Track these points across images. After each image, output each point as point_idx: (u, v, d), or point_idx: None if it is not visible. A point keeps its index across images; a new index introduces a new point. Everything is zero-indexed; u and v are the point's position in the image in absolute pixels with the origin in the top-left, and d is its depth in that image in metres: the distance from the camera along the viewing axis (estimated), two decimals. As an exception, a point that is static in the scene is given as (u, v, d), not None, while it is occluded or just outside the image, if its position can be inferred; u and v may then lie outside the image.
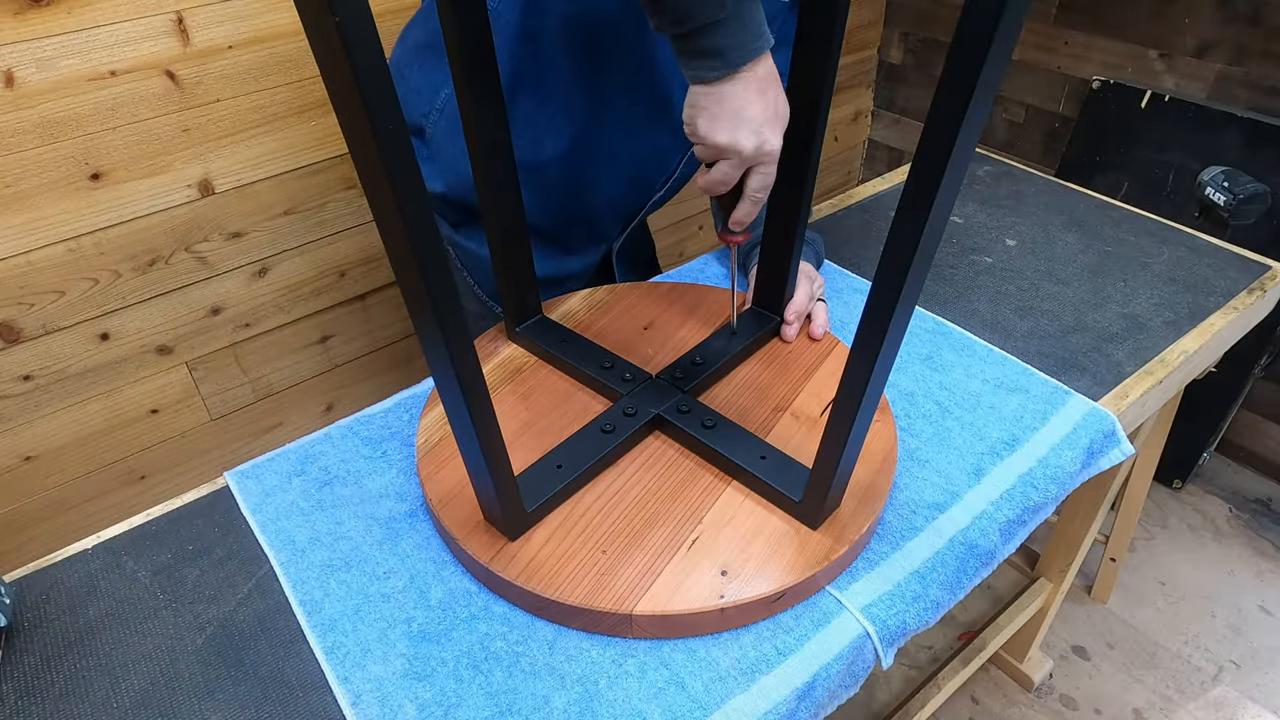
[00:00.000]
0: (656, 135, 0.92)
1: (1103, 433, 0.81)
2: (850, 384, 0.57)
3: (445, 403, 0.56)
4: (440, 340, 0.50)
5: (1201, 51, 1.61)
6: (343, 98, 0.40)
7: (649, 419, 0.76)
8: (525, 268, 0.84)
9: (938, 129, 0.43)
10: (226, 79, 1.19)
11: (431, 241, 0.46)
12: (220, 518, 0.74)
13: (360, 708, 0.59)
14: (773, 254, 0.84)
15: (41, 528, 1.34)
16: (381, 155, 0.41)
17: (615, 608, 0.62)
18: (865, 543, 0.69)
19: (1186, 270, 1.04)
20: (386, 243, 0.47)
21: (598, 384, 0.81)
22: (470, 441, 0.58)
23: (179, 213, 1.24)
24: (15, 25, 1.01)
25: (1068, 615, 1.64)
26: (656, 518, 0.69)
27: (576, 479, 0.70)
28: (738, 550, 0.66)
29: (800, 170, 0.75)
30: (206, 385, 1.41)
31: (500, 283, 0.83)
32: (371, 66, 0.38)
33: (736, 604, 0.62)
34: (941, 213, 0.47)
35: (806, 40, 0.68)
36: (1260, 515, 1.82)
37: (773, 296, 0.87)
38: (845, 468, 0.63)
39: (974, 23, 0.39)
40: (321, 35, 0.37)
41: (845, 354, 0.69)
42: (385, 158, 0.41)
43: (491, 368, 0.85)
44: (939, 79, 0.42)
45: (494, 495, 0.62)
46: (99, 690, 0.61)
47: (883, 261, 0.50)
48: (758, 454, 0.71)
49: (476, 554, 0.65)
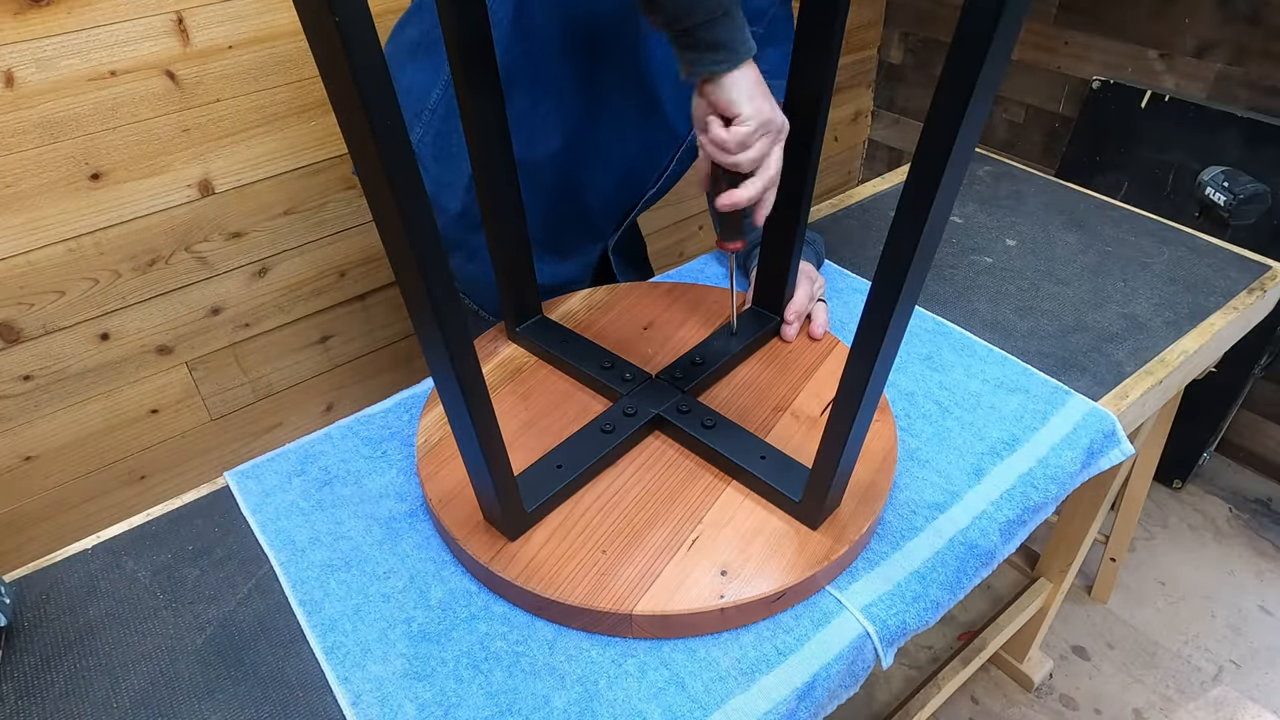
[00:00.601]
0: (648, 132, 0.92)
1: (1103, 433, 0.81)
2: (850, 384, 0.57)
3: (445, 403, 0.56)
4: (440, 340, 0.50)
5: (1201, 51, 1.61)
6: (342, 98, 0.40)
7: (649, 419, 0.76)
8: (525, 267, 0.84)
9: (937, 129, 0.43)
10: (226, 79, 1.19)
11: (431, 241, 0.46)
12: (220, 518, 0.74)
13: (360, 708, 0.59)
14: (773, 254, 0.84)
15: (41, 528, 1.34)
16: (381, 155, 0.41)
17: (615, 608, 0.62)
18: (865, 543, 0.69)
19: (1186, 270, 1.04)
20: (386, 243, 0.47)
21: (598, 384, 0.81)
22: (470, 442, 0.58)
23: (179, 213, 1.24)
24: (15, 25, 1.01)
25: (1068, 615, 1.64)
26: (656, 518, 0.69)
27: (576, 479, 0.70)
28: (737, 550, 0.66)
29: (801, 170, 0.75)
30: (206, 385, 1.41)
31: (500, 282, 0.83)
32: (371, 66, 0.38)
33: (736, 604, 0.62)
34: (941, 212, 0.47)
35: (806, 40, 0.68)
36: (1260, 515, 1.82)
37: (773, 296, 0.87)
38: (845, 468, 0.63)
39: (974, 23, 0.39)
40: (321, 35, 0.37)
41: (845, 354, 0.69)
42: (385, 158, 0.41)
43: (491, 368, 0.85)
44: (939, 79, 0.42)
45: (494, 495, 0.62)
46: (99, 690, 0.61)
47: (882, 261, 0.50)
48: (757, 454, 0.71)
49: (476, 554, 0.65)
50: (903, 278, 0.49)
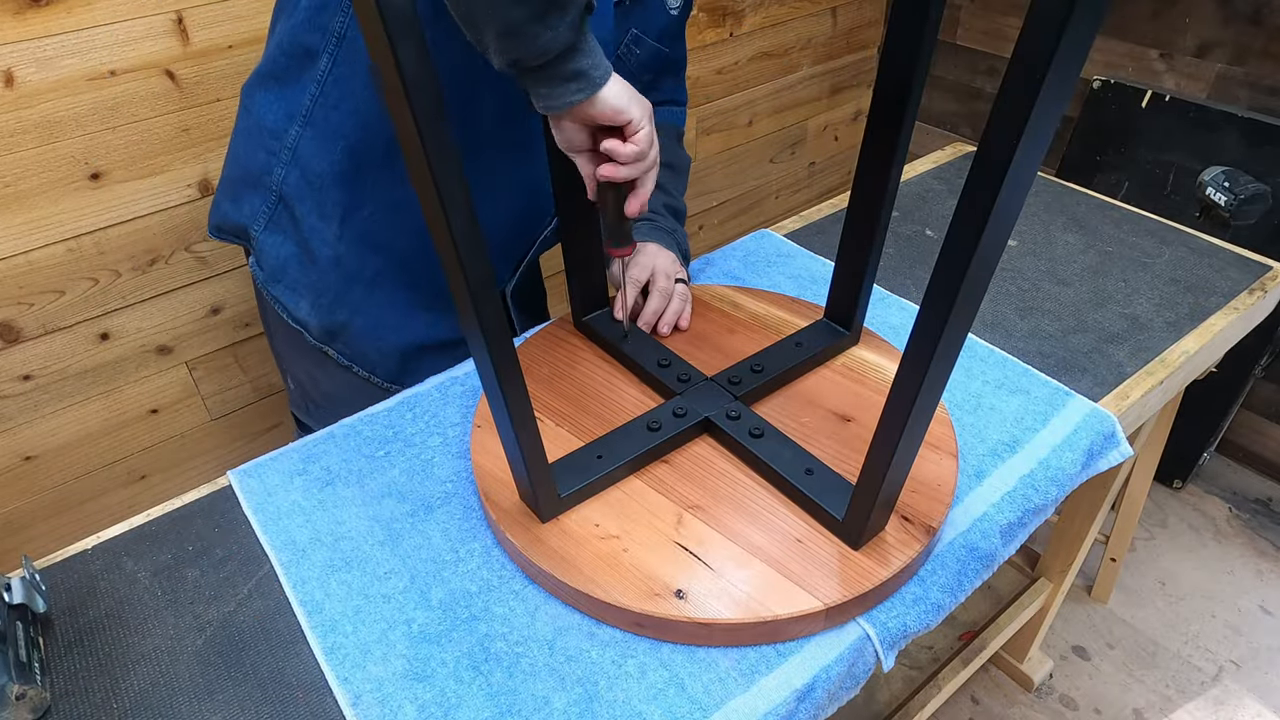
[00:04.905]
0: (534, 173, 0.88)
1: (1103, 434, 0.81)
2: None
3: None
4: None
5: (1202, 51, 1.61)
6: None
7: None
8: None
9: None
10: (226, 79, 1.19)
11: (471, 238, 0.49)
12: (221, 518, 0.74)
13: (360, 708, 0.59)
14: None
15: (41, 528, 1.34)
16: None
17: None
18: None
19: (1187, 270, 1.04)
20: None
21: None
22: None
23: (179, 213, 1.24)
24: (15, 25, 1.01)
25: (1068, 615, 1.64)
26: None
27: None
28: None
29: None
30: (206, 385, 1.41)
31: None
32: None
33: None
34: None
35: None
36: (1260, 515, 1.82)
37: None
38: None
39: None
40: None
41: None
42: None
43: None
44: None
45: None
46: (99, 690, 0.61)
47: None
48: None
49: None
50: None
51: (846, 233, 0.79)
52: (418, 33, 0.41)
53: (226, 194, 0.90)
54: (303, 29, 0.77)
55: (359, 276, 0.87)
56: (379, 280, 0.88)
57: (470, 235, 0.49)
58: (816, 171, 2.24)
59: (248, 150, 0.85)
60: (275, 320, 0.92)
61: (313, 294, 0.88)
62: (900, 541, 0.66)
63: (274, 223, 0.86)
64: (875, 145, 0.70)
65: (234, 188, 0.88)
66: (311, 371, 0.95)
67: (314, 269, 0.86)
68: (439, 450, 0.79)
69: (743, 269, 1.05)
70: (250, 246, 0.89)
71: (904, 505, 0.69)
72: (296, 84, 0.80)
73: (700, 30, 1.72)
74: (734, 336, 0.88)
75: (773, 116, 2.00)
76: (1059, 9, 0.36)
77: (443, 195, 0.46)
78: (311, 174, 0.82)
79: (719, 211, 2.06)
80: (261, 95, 0.83)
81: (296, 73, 0.80)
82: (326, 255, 0.85)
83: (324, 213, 0.83)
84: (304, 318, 0.89)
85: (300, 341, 0.91)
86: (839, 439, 0.76)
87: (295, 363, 0.97)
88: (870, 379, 0.83)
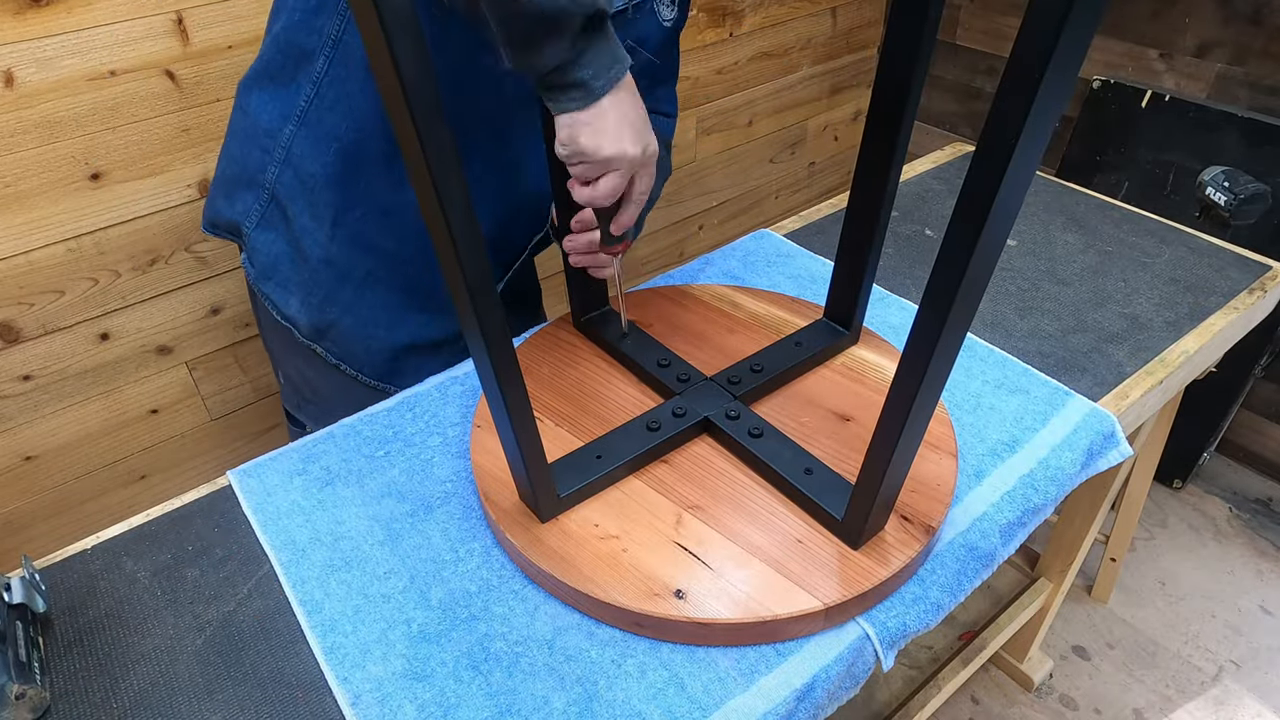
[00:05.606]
0: (530, 176, 0.88)
1: (1102, 434, 0.81)
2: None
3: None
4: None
5: (1202, 51, 1.61)
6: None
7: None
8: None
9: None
10: (226, 79, 1.19)
11: (470, 236, 0.49)
12: (220, 518, 0.74)
13: (360, 708, 0.59)
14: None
15: (41, 528, 1.34)
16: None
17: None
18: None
19: (1187, 270, 1.04)
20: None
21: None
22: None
23: (179, 213, 1.24)
24: (15, 25, 1.01)
25: (1068, 615, 1.64)
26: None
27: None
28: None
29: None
30: (206, 385, 1.41)
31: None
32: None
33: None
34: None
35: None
36: (1260, 515, 1.82)
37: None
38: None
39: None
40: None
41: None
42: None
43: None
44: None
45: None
46: (98, 690, 0.62)
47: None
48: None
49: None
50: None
51: (846, 232, 0.79)
52: (416, 29, 0.41)
53: (221, 190, 0.90)
54: (298, 30, 0.77)
55: (349, 276, 0.87)
56: (369, 280, 0.88)
57: (469, 234, 0.49)
58: (816, 171, 2.24)
59: (242, 148, 0.85)
60: (266, 317, 0.93)
61: (303, 292, 0.88)
62: (900, 541, 0.66)
63: (266, 221, 0.86)
64: (875, 145, 0.70)
65: (228, 185, 0.89)
66: (301, 368, 0.96)
67: (305, 268, 0.87)
68: (439, 450, 0.79)
69: (742, 269, 1.05)
70: (243, 243, 0.90)
71: (903, 505, 0.69)
72: (292, 84, 0.80)
73: (700, 30, 1.72)
74: (734, 336, 0.88)
75: (773, 116, 2.00)
76: (1057, 8, 0.36)
77: (441, 194, 0.46)
78: (304, 174, 0.82)
79: (719, 211, 2.06)
80: (257, 94, 0.83)
81: (292, 73, 0.80)
82: (318, 255, 0.85)
83: (316, 213, 0.84)
84: (293, 315, 0.89)
85: (290, 338, 0.91)
86: (838, 439, 0.76)
87: (286, 359, 0.98)
88: (870, 379, 0.83)
